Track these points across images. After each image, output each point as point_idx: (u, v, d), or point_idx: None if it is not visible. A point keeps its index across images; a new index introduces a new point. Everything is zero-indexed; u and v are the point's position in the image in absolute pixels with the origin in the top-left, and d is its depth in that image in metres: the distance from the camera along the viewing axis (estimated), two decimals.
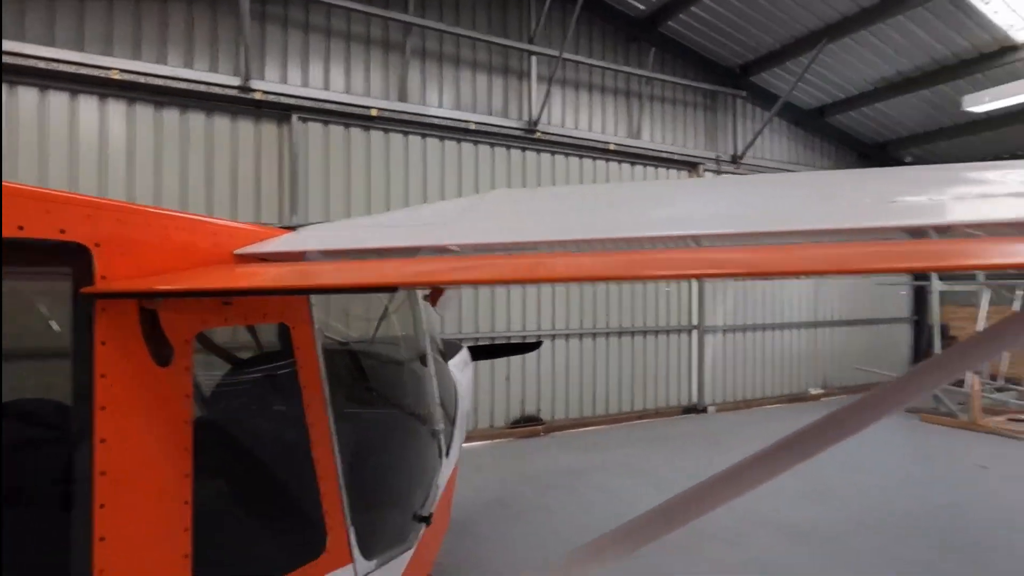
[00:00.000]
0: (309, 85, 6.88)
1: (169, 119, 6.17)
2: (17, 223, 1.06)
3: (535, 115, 8.18)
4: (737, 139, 10.28)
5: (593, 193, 2.56)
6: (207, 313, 1.40)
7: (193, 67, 6.23)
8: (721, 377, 10.15)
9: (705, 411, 9.82)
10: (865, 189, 1.58)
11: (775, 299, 10.78)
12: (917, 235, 1.20)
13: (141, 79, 5.88)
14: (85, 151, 5.75)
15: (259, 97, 6.47)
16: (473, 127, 7.80)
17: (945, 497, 5.68)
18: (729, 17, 8.63)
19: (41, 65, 5.44)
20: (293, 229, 1.89)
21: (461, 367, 4.06)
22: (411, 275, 1.33)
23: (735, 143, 10.25)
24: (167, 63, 6.09)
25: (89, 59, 5.64)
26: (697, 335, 9.88)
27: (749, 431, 8.42)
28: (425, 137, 7.61)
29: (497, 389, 8.07)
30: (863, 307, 11.92)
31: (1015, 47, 8.17)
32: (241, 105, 6.49)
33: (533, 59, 8.25)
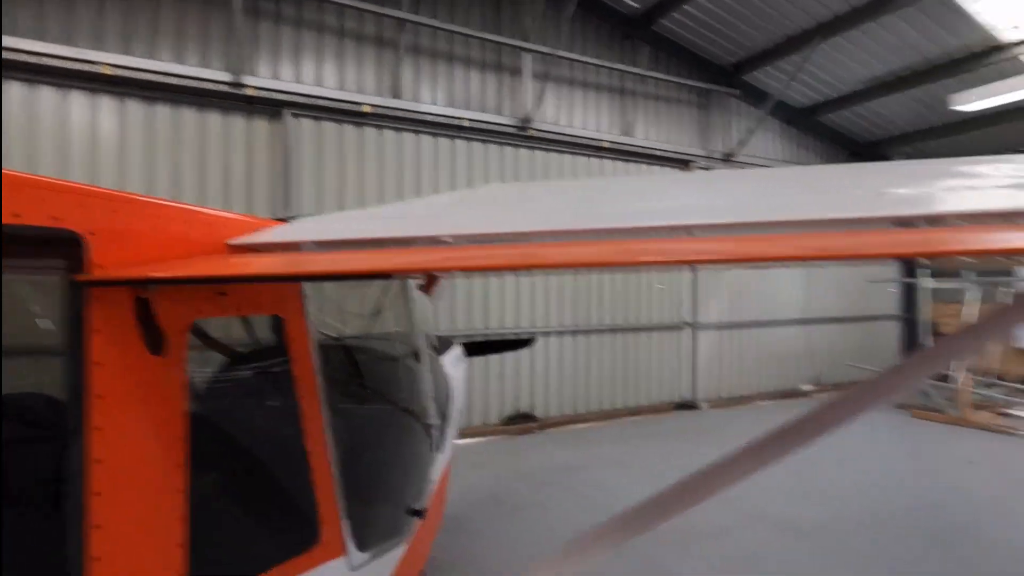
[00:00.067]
0: (301, 81, 6.85)
1: (161, 115, 6.13)
2: (11, 211, 1.05)
3: (528, 112, 8.19)
4: (730, 137, 10.33)
5: (585, 187, 2.58)
6: (201, 302, 1.40)
7: (184, 63, 6.18)
8: (714, 374, 10.21)
9: (698, 408, 9.87)
10: (856, 182, 1.60)
11: (768, 296, 10.84)
12: (906, 225, 1.22)
13: (132, 74, 5.83)
14: (75, 147, 5.70)
15: (251, 93, 6.43)
16: (466, 124, 7.80)
17: (933, 492, 5.75)
18: (722, 16, 8.67)
19: (30, 60, 5.38)
20: (286, 221, 1.89)
21: (454, 363, 4.06)
22: (404, 263, 1.34)
23: (727, 141, 10.29)
24: (158, 58, 6.04)
25: (79, 54, 5.58)
26: (690, 332, 9.93)
27: (741, 427, 8.45)
28: (418, 134, 7.60)
29: (491, 385, 8.07)
30: (854, 304, 12.01)
31: (1001, 47, 8.26)
32: (233, 101, 6.45)
33: (527, 56, 8.24)
